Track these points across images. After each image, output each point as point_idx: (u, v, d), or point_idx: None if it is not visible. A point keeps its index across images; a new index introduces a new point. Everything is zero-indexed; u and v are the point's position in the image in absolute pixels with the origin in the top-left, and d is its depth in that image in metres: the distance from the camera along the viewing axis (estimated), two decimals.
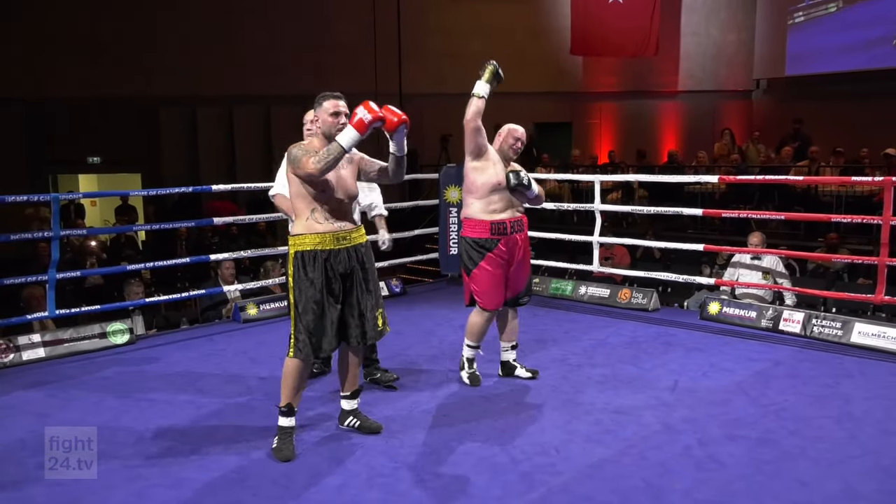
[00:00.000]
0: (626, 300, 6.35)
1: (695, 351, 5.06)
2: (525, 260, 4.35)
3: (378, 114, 3.30)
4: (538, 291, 6.88)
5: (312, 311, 3.45)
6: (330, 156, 3.31)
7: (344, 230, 3.50)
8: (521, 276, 4.37)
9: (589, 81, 16.18)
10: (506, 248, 4.23)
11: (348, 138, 3.32)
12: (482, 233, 4.20)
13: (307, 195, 3.44)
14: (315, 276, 3.44)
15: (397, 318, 5.99)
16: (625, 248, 8.25)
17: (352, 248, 3.52)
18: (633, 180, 9.73)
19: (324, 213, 3.46)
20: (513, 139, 4.25)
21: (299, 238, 3.45)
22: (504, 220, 4.21)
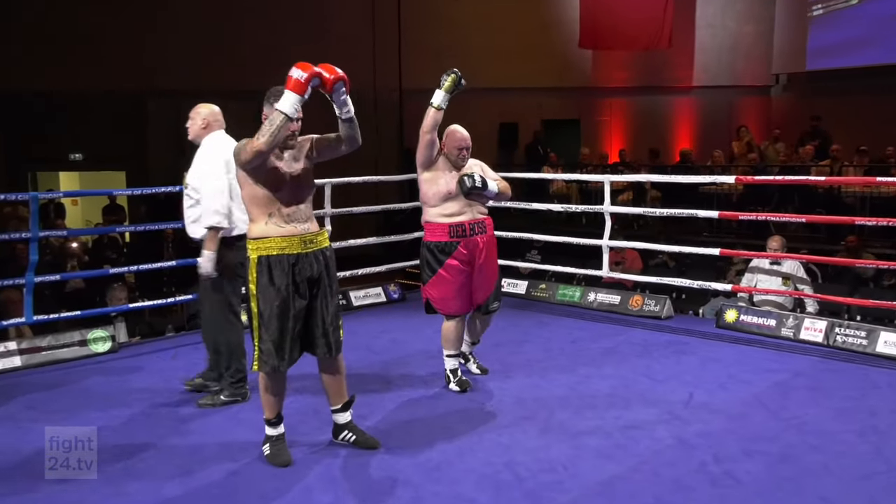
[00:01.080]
0: (637, 307, 6.34)
1: (711, 361, 5.05)
2: (488, 263, 4.43)
3: (314, 69, 3.21)
4: (545, 298, 6.87)
5: (278, 321, 3.40)
6: (273, 126, 3.20)
7: (310, 233, 3.46)
8: (487, 280, 4.45)
9: (598, 76, 16.20)
10: (466, 250, 4.33)
11: (288, 103, 3.19)
12: (441, 236, 4.31)
13: (262, 197, 3.38)
14: (281, 282, 3.39)
15: (395, 326, 5.97)
16: (636, 253, 8.23)
17: (318, 251, 3.49)
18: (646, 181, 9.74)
19: (283, 216, 3.40)
20: (455, 150, 4.33)
21: (263, 241, 3.39)
22: (463, 223, 4.32)
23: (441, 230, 4.31)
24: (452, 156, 4.34)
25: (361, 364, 4.96)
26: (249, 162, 3.29)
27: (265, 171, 3.35)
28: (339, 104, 3.42)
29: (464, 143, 4.33)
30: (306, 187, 3.49)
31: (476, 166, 4.44)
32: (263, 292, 3.40)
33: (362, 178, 6.74)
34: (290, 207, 3.42)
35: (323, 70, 3.29)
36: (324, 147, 3.55)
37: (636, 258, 8.40)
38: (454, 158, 4.34)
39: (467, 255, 4.34)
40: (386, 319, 6.26)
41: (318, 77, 3.24)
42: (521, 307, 6.70)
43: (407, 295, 7.18)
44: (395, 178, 8.27)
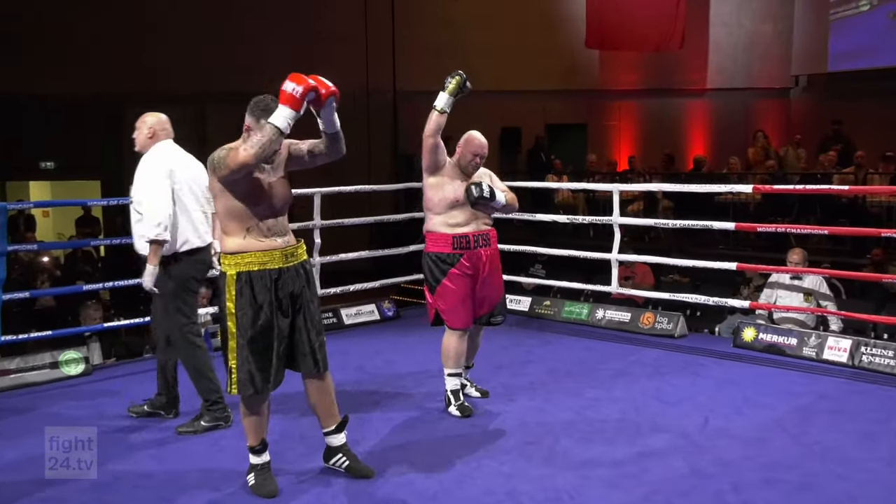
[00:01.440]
0: (648, 325, 6.34)
1: (727, 383, 5.05)
2: (492, 276, 4.48)
3: (310, 83, 3.22)
4: (550, 315, 6.88)
5: (260, 341, 3.40)
6: (263, 138, 3.19)
7: (291, 246, 3.48)
8: (491, 294, 4.49)
9: (606, 78, 16.26)
10: (469, 263, 4.37)
11: (282, 118, 3.20)
12: (444, 247, 4.36)
13: (240, 211, 3.37)
14: (264, 299, 3.39)
15: (389, 346, 5.97)
16: (647, 267, 8.25)
17: (299, 265, 3.50)
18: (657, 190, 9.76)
19: (262, 230, 3.41)
20: (470, 155, 4.39)
21: (241, 257, 3.38)
22: (467, 234, 4.37)
23: (444, 241, 4.35)
24: (465, 161, 4.39)
25: (354, 385, 4.96)
26: (232, 174, 3.28)
27: (244, 183, 3.35)
28: (327, 119, 3.44)
29: (480, 150, 4.39)
30: (285, 199, 3.49)
31: (485, 176, 4.48)
32: (243, 311, 3.39)
33: (353, 188, 6.75)
34: (269, 220, 3.43)
35: (317, 83, 3.29)
36: (301, 157, 3.55)
37: (647, 273, 8.41)
38: (465, 165, 4.39)
39: (470, 268, 4.38)
40: (380, 338, 6.26)
41: (313, 91, 3.25)
42: (525, 325, 6.69)
43: (402, 312, 7.18)
44: (388, 188, 8.30)
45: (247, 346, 3.40)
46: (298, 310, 3.49)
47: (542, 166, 14.11)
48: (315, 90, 3.25)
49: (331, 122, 3.46)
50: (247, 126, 3.38)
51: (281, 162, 3.50)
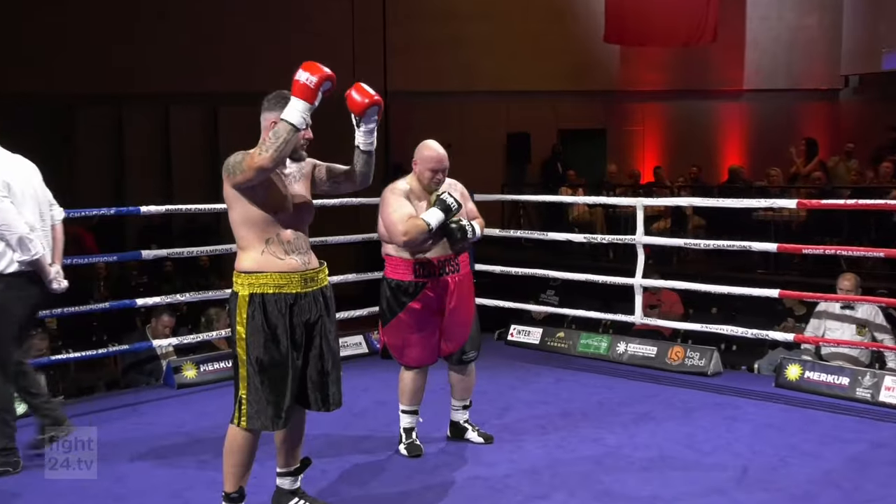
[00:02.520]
0: (678, 361, 6.34)
1: (768, 428, 5.04)
2: (462, 307, 4.50)
3: (325, 72, 3.32)
4: (563, 349, 6.88)
5: (273, 371, 3.46)
6: (279, 139, 3.30)
7: (311, 269, 3.56)
8: (460, 327, 4.52)
9: (628, 77, 16.32)
10: (434, 293, 4.40)
11: (296, 112, 3.31)
12: (403, 274, 4.40)
13: (259, 220, 3.46)
14: (278, 326, 3.46)
15: (380, 384, 5.95)
16: (676, 294, 8.24)
17: (318, 291, 3.59)
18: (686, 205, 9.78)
19: (282, 244, 3.50)
20: (429, 173, 4.40)
21: (256, 277, 3.46)
22: (430, 259, 4.38)
23: (404, 267, 4.39)
24: (424, 179, 4.40)
25: (338, 429, 4.95)
26: (249, 180, 3.37)
27: (264, 188, 3.46)
28: (366, 133, 3.58)
29: (438, 164, 4.38)
30: (307, 212, 3.61)
31: (453, 190, 4.46)
32: (254, 335, 3.46)
33: (339, 200, 6.75)
34: (290, 233, 3.52)
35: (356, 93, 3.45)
36: (326, 178, 3.69)
37: (676, 301, 8.40)
38: (426, 183, 4.40)
39: (435, 299, 4.40)
40: (368, 374, 6.24)
41: (329, 80, 3.35)
42: (535, 360, 6.69)
43: None
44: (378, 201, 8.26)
45: (258, 375, 3.46)
46: (312, 339, 3.56)
47: (557, 177, 14.14)
48: (331, 79, 3.35)
49: (369, 137, 3.60)
50: (271, 122, 3.45)
51: (306, 174, 3.64)
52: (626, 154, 16.14)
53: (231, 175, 3.40)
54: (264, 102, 3.52)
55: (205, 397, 5.75)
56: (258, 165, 3.30)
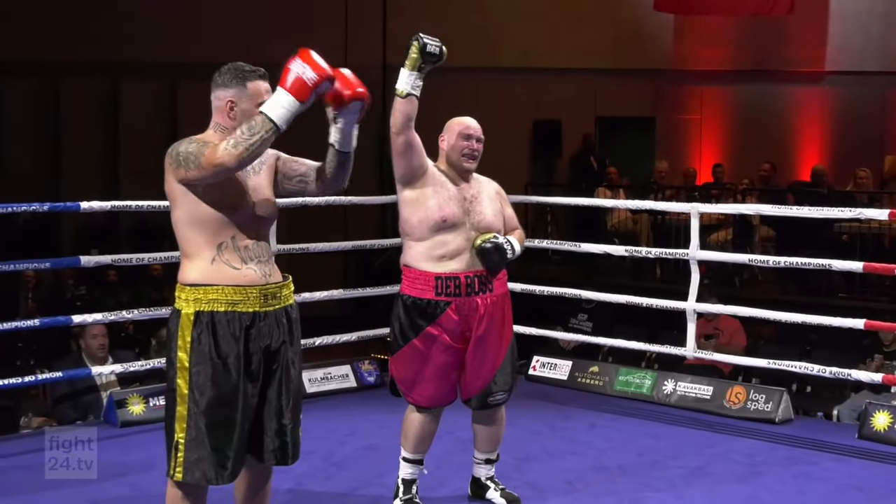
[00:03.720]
0: (738, 404, 6.31)
1: (851, 489, 5.00)
2: (492, 336, 4.43)
3: (326, 70, 3.25)
4: (596, 387, 6.86)
5: (220, 410, 3.39)
6: (254, 136, 3.23)
7: (273, 283, 3.50)
8: (488, 360, 4.45)
9: (683, 55, 16.30)
10: (458, 316, 4.34)
11: (282, 108, 3.24)
12: (423, 291, 4.35)
13: (208, 222, 3.39)
14: (230, 353, 3.40)
15: (369, 426, 5.94)
16: (738, 322, 8.22)
17: (281, 311, 3.53)
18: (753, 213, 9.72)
19: (238, 250, 3.43)
20: (461, 140, 4.40)
21: (204, 291, 3.40)
22: (457, 274, 4.34)
23: (424, 281, 4.34)
24: (455, 154, 4.41)
25: (316, 483, 4.93)
26: (202, 179, 3.30)
27: (219, 182, 3.37)
28: (345, 130, 3.51)
29: (468, 129, 4.41)
30: (269, 213, 3.55)
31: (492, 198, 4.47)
32: (200, 365, 3.38)
33: (324, 200, 6.75)
34: (248, 238, 3.46)
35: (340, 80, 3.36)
36: (290, 174, 3.62)
37: (737, 330, 8.38)
38: (457, 159, 4.40)
39: (458, 324, 4.34)
40: (356, 414, 6.24)
41: (329, 80, 3.28)
42: (563, 401, 6.68)
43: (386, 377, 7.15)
44: (372, 201, 8.27)
45: (202, 416, 3.38)
46: (273, 372, 3.49)
47: (593, 176, 14.11)
48: (331, 80, 3.29)
49: (348, 136, 3.52)
50: (228, 101, 3.41)
51: (269, 165, 3.58)
52: (679, 148, 16.12)
53: (180, 167, 3.32)
54: (216, 77, 3.45)
55: (154, 439, 5.68)
56: (220, 163, 3.23)
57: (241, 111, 3.40)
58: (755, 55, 16.09)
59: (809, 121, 16.50)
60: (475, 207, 4.39)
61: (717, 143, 16.42)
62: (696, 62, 16.27)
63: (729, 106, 16.60)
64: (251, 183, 3.49)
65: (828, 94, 16.45)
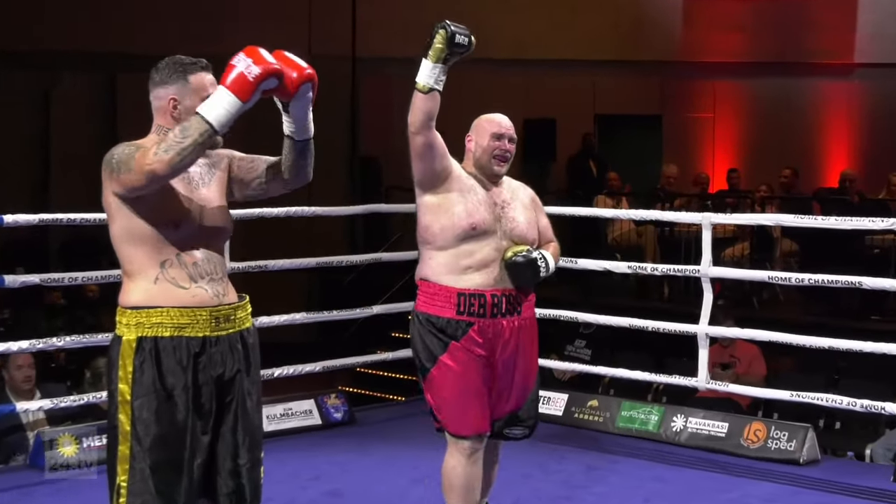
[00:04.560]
0: (758, 443, 6.32)
1: None
2: (520, 360, 4.43)
3: (273, 65, 3.25)
4: (596, 423, 6.87)
5: (167, 449, 3.38)
6: (186, 139, 3.21)
7: (226, 304, 3.50)
8: (515, 388, 4.45)
9: (693, 45, 16.35)
10: (482, 338, 4.32)
11: (220, 108, 3.23)
12: (443, 308, 4.33)
13: (150, 237, 3.38)
14: (176, 385, 3.39)
15: (336, 469, 5.94)
16: (757, 348, 8.23)
17: (236, 335, 3.52)
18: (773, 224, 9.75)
19: (185, 267, 3.42)
20: (492, 141, 4.42)
21: (147, 314, 3.39)
22: (482, 291, 4.32)
23: (445, 298, 4.32)
24: (485, 156, 4.42)
25: None
26: (135, 187, 3.28)
27: (154, 193, 3.35)
28: (299, 118, 3.50)
29: (500, 129, 4.42)
30: (222, 225, 3.54)
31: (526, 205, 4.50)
32: (143, 398, 3.37)
33: (284, 210, 6.75)
34: (196, 253, 3.44)
35: (283, 65, 3.33)
36: (247, 177, 3.62)
37: (756, 358, 8.39)
38: (487, 162, 4.41)
39: (482, 346, 4.31)
40: (321, 456, 6.24)
41: (275, 77, 3.28)
42: (559, 438, 6.68)
43: (359, 414, 7.15)
44: (341, 211, 8.28)
45: (146, 456, 3.37)
46: (227, 406, 3.49)
47: (592, 181, 14.12)
48: (279, 75, 3.28)
49: (303, 123, 3.51)
50: (171, 99, 3.40)
51: (221, 171, 3.57)
52: (689, 151, 16.16)
53: (114, 175, 3.31)
54: (153, 74, 3.44)
55: (88, 485, 5.68)
56: (150, 170, 3.21)
57: (185, 109, 3.39)
58: (775, 45, 16.13)
59: (837, 119, 16.55)
60: (507, 213, 4.40)
61: (732, 144, 16.46)
62: (707, 52, 16.31)
63: (745, 102, 16.65)
64: (199, 196, 3.48)
65: (858, 89, 16.50)
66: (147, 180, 3.24)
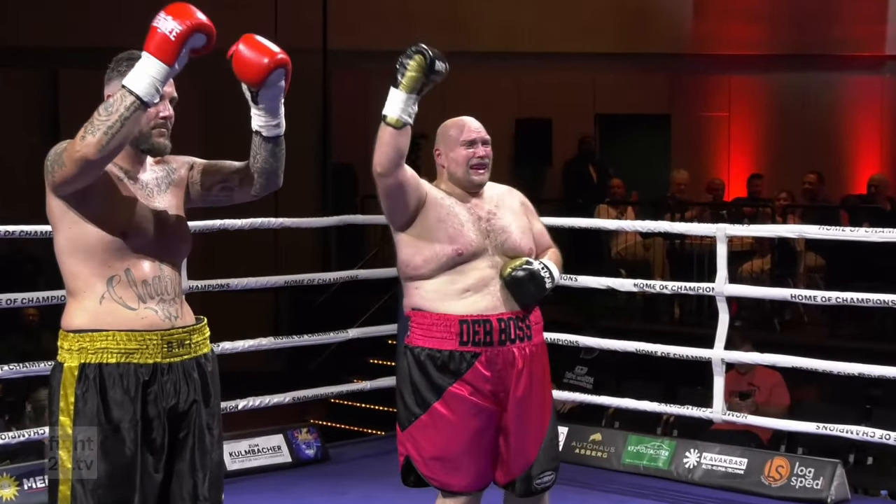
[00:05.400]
0: (780, 481, 6.34)
1: None
2: (535, 397, 4.37)
3: (196, 19, 3.21)
4: (599, 460, 6.89)
5: (113, 490, 3.37)
6: (111, 115, 3.18)
7: (180, 327, 3.49)
8: (532, 430, 4.40)
9: (705, 35, 16.39)
10: (490, 371, 4.26)
11: (144, 76, 3.20)
12: (443, 339, 4.26)
13: (95, 249, 3.38)
14: (123, 416, 3.37)
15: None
16: (779, 375, 8.25)
17: (192, 362, 3.51)
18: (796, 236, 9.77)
19: (133, 286, 3.41)
20: (463, 146, 4.36)
21: (91, 338, 3.38)
22: (487, 316, 4.27)
23: (444, 327, 4.26)
24: (459, 169, 4.36)
25: None
26: (68, 180, 3.27)
27: (102, 194, 3.35)
28: (269, 111, 3.50)
29: (469, 133, 4.36)
30: (178, 238, 3.54)
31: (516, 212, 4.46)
32: (87, 434, 3.36)
33: (248, 222, 6.75)
34: (146, 268, 3.43)
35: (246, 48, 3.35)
36: (211, 183, 3.61)
37: (778, 386, 8.41)
38: (463, 173, 4.36)
39: (490, 381, 4.26)
40: (292, 498, 6.26)
41: (202, 31, 3.24)
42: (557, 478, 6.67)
43: (332, 450, 7.16)
44: (312, 223, 8.28)
45: (90, 498, 3.36)
46: (182, 441, 3.48)
47: (592, 189, 14.14)
48: (206, 30, 3.24)
49: (274, 116, 3.51)
50: (108, 95, 3.38)
51: (178, 179, 3.57)
52: (701, 154, 16.19)
53: (50, 173, 3.31)
54: (108, 69, 3.45)
55: None
56: (80, 156, 3.19)
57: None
58: (797, 35, 16.19)
59: (866, 118, 16.59)
60: (495, 226, 4.34)
61: (750, 146, 16.48)
62: (722, 44, 16.37)
63: (764, 100, 16.69)
64: (154, 203, 3.48)
65: (889, 84, 16.56)
66: (79, 169, 3.22)
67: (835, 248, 10.69)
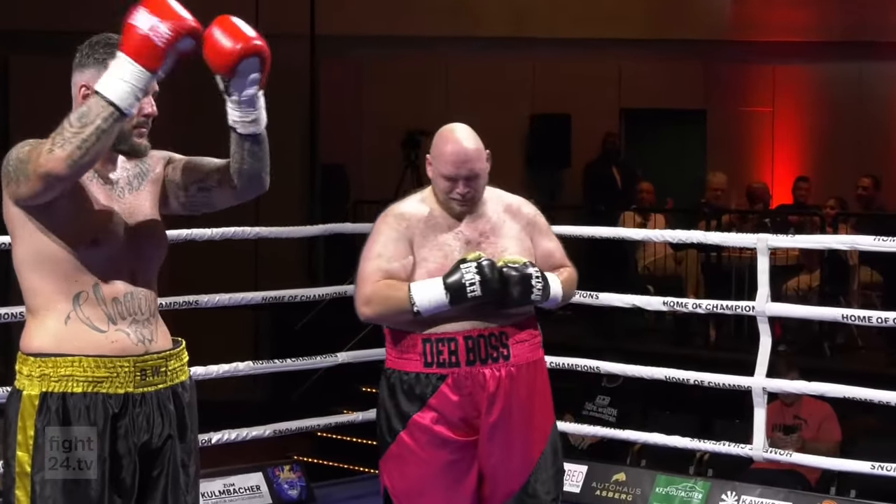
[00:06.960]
0: None
1: None
2: (514, 422, 4.41)
3: (185, 21, 3.20)
4: (624, 503, 6.89)
5: None
6: (85, 127, 3.17)
7: (155, 352, 3.51)
8: (514, 457, 4.45)
9: (746, 20, 16.44)
10: (458, 396, 4.33)
11: (123, 84, 3.18)
12: (409, 361, 4.38)
13: (59, 263, 3.39)
14: (88, 454, 3.39)
15: None
16: (829, 407, 8.26)
17: (167, 392, 3.53)
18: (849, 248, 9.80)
19: (102, 304, 3.43)
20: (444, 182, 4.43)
21: (54, 363, 3.39)
22: (453, 335, 4.34)
23: (410, 346, 4.38)
24: (441, 194, 4.43)
25: None
26: (34, 195, 3.27)
27: (71, 198, 3.35)
28: (244, 104, 3.47)
29: (456, 164, 4.38)
30: (153, 247, 3.56)
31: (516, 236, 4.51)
32: (49, 471, 3.38)
33: (223, 231, 6.77)
34: (118, 285, 3.45)
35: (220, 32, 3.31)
36: (190, 183, 3.61)
37: (829, 419, 8.42)
38: (444, 199, 4.43)
39: (458, 407, 4.34)
40: None
41: (191, 35, 3.24)
42: None
43: (318, 490, 7.17)
44: (295, 232, 8.29)
45: None
46: (156, 480, 3.50)
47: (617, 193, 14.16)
48: (195, 33, 3.25)
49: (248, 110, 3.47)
50: (81, 87, 3.39)
51: (154, 178, 3.58)
52: (741, 155, 16.22)
53: (11, 182, 3.30)
54: (77, 55, 3.44)
55: None
56: (46, 171, 3.18)
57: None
58: (849, 19, 16.22)
59: None
60: (487, 250, 4.40)
61: (796, 146, 16.51)
62: (764, 30, 16.42)
63: (812, 93, 16.73)
64: (124, 204, 3.49)
65: None
66: (44, 185, 3.21)
67: (893, 261, 10.72)
